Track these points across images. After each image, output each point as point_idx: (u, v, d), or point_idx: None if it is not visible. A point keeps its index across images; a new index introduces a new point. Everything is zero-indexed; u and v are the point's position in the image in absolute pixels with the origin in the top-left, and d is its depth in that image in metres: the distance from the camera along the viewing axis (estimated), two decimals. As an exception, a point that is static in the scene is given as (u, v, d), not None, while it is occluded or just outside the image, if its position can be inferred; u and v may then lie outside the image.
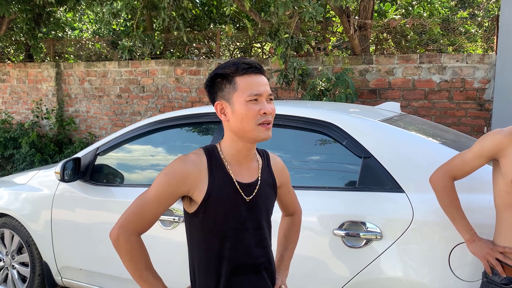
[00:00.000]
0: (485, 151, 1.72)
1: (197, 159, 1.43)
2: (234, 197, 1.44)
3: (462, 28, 6.74)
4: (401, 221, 2.02)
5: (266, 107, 1.38)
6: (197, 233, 1.45)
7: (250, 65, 1.40)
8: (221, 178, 1.43)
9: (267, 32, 5.00)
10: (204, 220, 1.42)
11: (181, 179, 1.39)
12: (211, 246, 1.44)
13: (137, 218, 1.41)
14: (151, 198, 1.41)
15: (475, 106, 4.52)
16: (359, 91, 4.89)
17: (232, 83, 1.40)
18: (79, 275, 3.02)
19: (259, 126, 1.38)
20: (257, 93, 1.38)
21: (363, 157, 2.19)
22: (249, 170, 1.50)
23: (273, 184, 1.57)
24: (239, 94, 1.39)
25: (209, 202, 1.41)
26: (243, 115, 1.38)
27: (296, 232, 1.79)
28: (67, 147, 7.02)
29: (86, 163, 2.98)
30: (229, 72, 1.40)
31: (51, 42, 8.10)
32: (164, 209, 1.43)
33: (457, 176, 1.82)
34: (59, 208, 3.02)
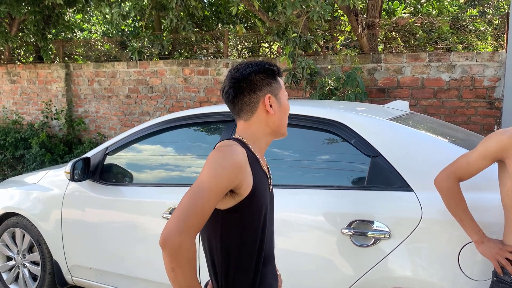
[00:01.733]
0: (490, 152, 1.71)
1: (241, 151, 1.37)
2: (267, 190, 1.49)
3: (471, 26, 6.67)
4: (410, 220, 2.01)
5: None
6: (235, 229, 1.39)
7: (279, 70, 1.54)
8: (259, 171, 1.45)
9: (275, 32, 5.00)
10: (247, 214, 1.39)
11: (238, 171, 1.32)
12: (252, 241, 1.41)
13: (199, 219, 1.25)
14: (211, 193, 1.27)
15: (485, 105, 4.48)
16: (368, 90, 4.87)
17: (277, 81, 1.51)
18: (89, 274, 3.04)
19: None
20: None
21: (371, 156, 2.19)
22: (265, 163, 1.56)
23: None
24: (283, 92, 1.53)
25: (254, 196, 1.38)
26: (287, 110, 1.53)
27: None
28: (77, 147, 7.07)
29: (95, 162, 3.00)
30: (276, 70, 1.51)
31: (60, 43, 8.17)
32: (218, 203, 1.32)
33: (462, 177, 1.81)
34: (69, 208, 3.05)
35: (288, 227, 2.27)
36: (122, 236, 2.80)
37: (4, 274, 3.50)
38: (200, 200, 1.26)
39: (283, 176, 2.43)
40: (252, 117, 1.47)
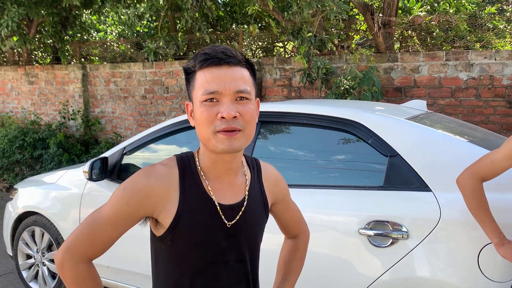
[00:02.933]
0: None
1: (166, 173, 1.14)
2: (211, 223, 1.15)
3: (490, 24, 6.57)
4: (428, 220, 1.99)
5: (225, 109, 1.06)
6: (164, 263, 1.18)
7: (208, 56, 1.08)
8: (196, 198, 1.14)
9: (290, 31, 4.99)
10: (172, 249, 1.15)
11: (143, 198, 1.11)
12: (180, 282, 1.17)
13: (87, 242, 1.12)
14: (105, 219, 1.12)
15: (504, 104, 4.41)
16: (384, 89, 4.83)
17: (193, 80, 1.12)
18: (107, 272, 3.07)
19: (218, 134, 1.07)
20: (212, 91, 1.07)
21: (389, 156, 2.17)
22: (231, 187, 1.19)
23: (263, 203, 1.27)
24: (196, 93, 1.10)
25: (178, 228, 1.12)
26: (199, 120, 1.09)
27: (300, 259, 1.45)
28: (94, 147, 7.16)
29: (113, 162, 3.03)
30: (190, 66, 1.12)
31: (77, 45, 8.27)
32: (121, 233, 1.14)
33: (486, 177, 1.78)
34: (87, 207, 3.08)
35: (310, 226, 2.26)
36: (139, 235, 2.81)
37: (24, 272, 3.55)
38: (92, 221, 1.13)
39: (300, 176, 2.43)
40: None
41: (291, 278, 1.42)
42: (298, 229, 1.46)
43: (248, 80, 1.11)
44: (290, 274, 1.42)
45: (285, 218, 1.41)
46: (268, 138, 2.67)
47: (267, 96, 5.89)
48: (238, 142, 1.08)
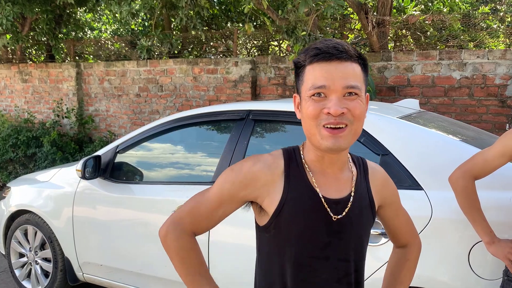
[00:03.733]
0: (508, 149, 1.69)
1: (272, 161, 1.16)
2: (315, 215, 1.13)
3: (483, 24, 6.60)
4: (419, 218, 2.01)
5: (332, 105, 1.05)
6: (267, 254, 1.19)
7: (320, 51, 1.08)
8: (300, 188, 1.14)
9: (284, 30, 4.99)
10: (276, 238, 1.15)
11: (248, 180, 1.15)
12: (280, 274, 1.16)
13: (191, 215, 1.19)
14: (211, 195, 1.19)
15: (497, 103, 4.44)
16: (378, 88, 4.85)
17: (302, 74, 1.12)
18: (100, 271, 3.07)
19: (323, 129, 1.07)
20: (320, 85, 1.06)
21: (381, 154, 2.18)
22: (337, 182, 1.18)
23: (370, 203, 1.22)
24: (305, 88, 1.10)
25: (281, 216, 1.13)
26: (305, 114, 1.10)
27: (409, 270, 1.39)
28: (87, 146, 7.13)
29: (106, 161, 3.03)
30: (301, 60, 1.12)
31: (71, 43, 8.24)
32: (225, 212, 1.19)
33: (479, 175, 1.79)
34: (80, 205, 3.08)
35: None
36: (132, 234, 2.82)
37: (17, 270, 3.54)
38: (200, 197, 1.21)
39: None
40: None
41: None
42: (408, 238, 1.38)
43: (358, 75, 1.10)
44: (398, 285, 1.37)
45: (394, 224, 1.35)
46: (262, 136, 2.68)
47: (261, 94, 5.89)
48: (344, 140, 1.08)
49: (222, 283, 2.47)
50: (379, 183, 1.27)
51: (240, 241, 2.40)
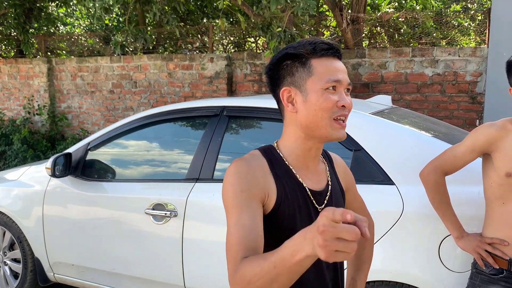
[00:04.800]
0: (478, 145, 1.72)
1: (257, 161, 1.16)
2: (305, 209, 1.18)
3: (455, 22, 6.75)
4: (391, 213, 2.03)
5: (345, 99, 1.13)
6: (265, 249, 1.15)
7: (330, 46, 1.15)
8: (290, 185, 1.17)
9: (259, 26, 4.98)
10: (272, 235, 1.15)
11: (253, 179, 1.11)
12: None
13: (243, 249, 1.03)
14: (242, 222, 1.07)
15: (467, 99, 4.54)
16: (352, 85, 4.89)
17: (306, 66, 1.14)
18: (72, 270, 3.01)
19: (334, 121, 1.13)
20: (337, 80, 1.13)
21: (353, 150, 2.20)
22: (316, 174, 1.24)
23: (341, 190, 1.31)
24: (315, 80, 1.13)
25: (279, 215, 1.14)
26: (318, 106, 1.12)
27: (369, 249, 1.48)
28: (60, 143, 6.99)
29: (77, 158, 2.97)
30: (304, 52, 1.14)
31: (42, 38, 8.04)
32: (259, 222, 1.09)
33: (449, 171, 1.82)
34: (51, 204, 3.00)
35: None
36: (105, 232, 2.77)
37: (-15, 272, 3.44)
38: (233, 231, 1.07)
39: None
40: (283, 116, 1.22)
41: (364, 268, 1.45)
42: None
43: None
44: (363, 264, 1.45)
45: (354, 207, 1.44)
46: (236, 133, 2.66)
47: (237, 91, 5.87)
48: (345, 131, 1.17)
49: (199, 283, 2.45)
50: (342, 170, 1.36)
51: (216, 238, 2.39)
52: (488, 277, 1.71)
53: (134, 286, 2.76)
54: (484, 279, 1.72)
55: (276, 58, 1.18)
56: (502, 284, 1.68)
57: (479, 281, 1.73)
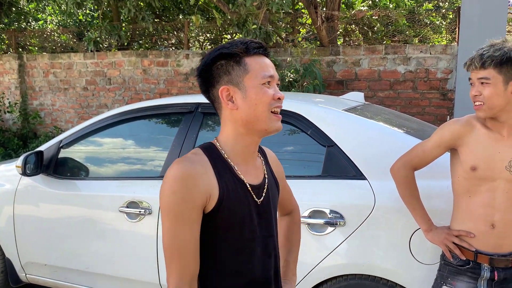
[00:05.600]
0: (444, 141, 1.78)
1: (199, 160, 1.19)
2: (247, 203, 1.23)
3: (427, 20, 6.88)
4: (363, 207, 2.07)
5: (279, 92, 1.22)
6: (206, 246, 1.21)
7: (260, 45, 1.23)
8: (231, 181, 1.21)
9: (235, 23, 4.98)
10: (216, 231, 1.20)
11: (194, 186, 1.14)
12: (225, 261, 1.23)
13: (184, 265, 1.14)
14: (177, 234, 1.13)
15: (439, 96, 4.64)
16: (327, 82, 4.94)
17: (242, 65, 1.20)
18: (44, 270, 2.96)
19: (272, 114, 1.21)
20: (271, 75, 1.21)
21: (327, 146, 2.23)
22: (254, 169, 1.30)
23: (275, 182, 1.39)
24: (251, 77, 1.19)
25: (221, 211, 1.18)
26: (258, 100, 1.19)
27: (298, 232, 1.58)
28: (32, 141, 6.84)
29: (49, 156, 2.91)
30: (238, 51, 1.20)
31: (13, 33, 7.84)
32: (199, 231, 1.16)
33: (418, 166, 1.87)
34: (22, 203, 2.95)
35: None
36: (78, 231, 2.73)
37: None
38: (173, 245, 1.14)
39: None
40: (221, 115, 1.25)
41: (294, 250, 1.55)
42: (293, 205, 1.59)
43: None
44: (293, 246, 1.55)
45: (283, 196, 1.53)
46: (211, 129, 2.67)
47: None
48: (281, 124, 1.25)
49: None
50: (274, 163, 1.44)
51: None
52: (455, 268, 1.76)
53: (109, 284, 2.73)
54: (452, 270, 1.77)
55: (210, 59, 1.22)
56: (469, 274, 1.73)
57: (447, 272, 1.79)
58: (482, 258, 1.71)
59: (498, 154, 1.68)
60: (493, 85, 1.64)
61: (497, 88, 1.64)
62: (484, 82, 1.65)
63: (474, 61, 1.68)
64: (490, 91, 1.64)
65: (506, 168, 1.67)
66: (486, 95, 1.65)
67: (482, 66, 1.65)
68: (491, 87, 1.64)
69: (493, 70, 1.63)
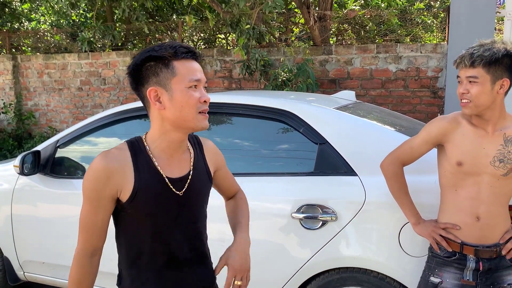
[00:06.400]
0: (431, 137, 1.84)
1: (120, 155, 1.32)
2: (164, 194, 1.35)
3: (419, 19, 6.96)
4: (354, 203, 2.13)
5: (205, 95, 1.32)
6: (125, 230, 1.39)
7: (189, 49, 1.31)
8: (148, 174, 1.32)
9: (228, 23, 5.03)
10: (133, 217, 1.35)
11: (107, 179, 1.29)
12: (141, 243, 1.38)
13: (88, 238, 1.35)
14: (87, 213, 1.32)
15: (429, 94, 4.72)
16: (320, 81, 5.01)
17: (169, 68, 1.28)
18: (42, 268, 3.00)
19: (199, 114, 1.30)
20: (197, 79, 1.30)
21: (318, 143, 2.29)
22: (180, 162, 1.40)
23: (207, 172, 1.49)
24: (178, 80, 1.28)
25: (135, 201, 1.31)
26: (184, 103, 1.28)
27: (245, 205, 1.68)
28: (27, 142, 6.86)
29: (46, 156, 2.95)
30: (167, 55, 1.28)
31: (6, 34, 7.84)
32: (107, 216, 1.34)
33: (406, 162, 1.94)
34: (20, 202, 2.98)
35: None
36: (75, 229, 2.77)
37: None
38: (82, 221, 1.35)
39: (238, 165, 2.50)
40: (149, 113, 1.35)
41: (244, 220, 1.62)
42: (236, 189, 1.71)
43: None
44: (242, 218, 1.62)
45: (225, 183, 1.65)
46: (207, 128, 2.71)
47: (208, 87, 5.91)
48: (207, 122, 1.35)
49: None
50: (211, 153, 1.54)
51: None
52: (442, 260, 1.83)
53: (106, 281, 2.78)
54: (439, 262, 1.84)
55: (140, 60, 1.31)
56: (455, 265, 1.80)
57: (435, 263, 1.85)
58: (468, 249, 1.77)
59: (483, 150, 1.74)
60: (481, 84, 1.69)
61: (484, 87, 1.69)
62: (472, 81, 1.71)
63: (464, 59, 1.72)
64: (478, 90, 1.69)
65: (491, 163, 1.73)
66: (473, 93, 1.70)
67: (471, 65, 1.70)
68: (479, 85, 1.69)
69: (482, 70, 1.68)
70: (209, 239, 1.56)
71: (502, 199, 1.76)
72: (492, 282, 1.78)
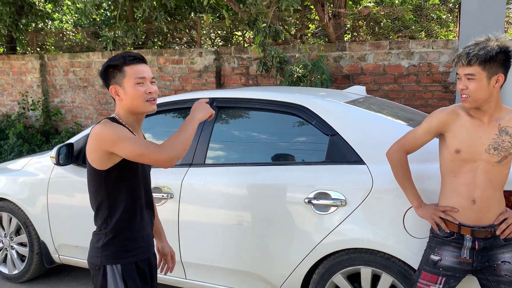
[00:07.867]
0: (433, 128, 2.02)
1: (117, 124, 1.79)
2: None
3: (434, 15, 7.04)
4: (362, 189, 2.32)
5: (150, 88, 1.80)
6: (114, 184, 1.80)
7: (134, 57, 1.80)
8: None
9: (246, 22, 5.23)
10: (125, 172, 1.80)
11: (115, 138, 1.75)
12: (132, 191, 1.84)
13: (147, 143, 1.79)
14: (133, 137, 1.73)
15: (441, 89, 4.85)
16: (334, 77, 5.17)
17: (122, 71, 1.78)
18: (76, 251, 3.25)
19: (146, 102, 1.80)
20: (142, 77, 1.78)
21: (329, 135, 2.48)
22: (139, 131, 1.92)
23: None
24: (128, 79, 1.78)
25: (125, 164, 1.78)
26: (133, 95, 1.78)
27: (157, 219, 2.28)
28: (54, 137, 7.17)
29: (78, 148, 3.19)
30: (118, 63, 1.78)
31: (33, 34, 8.18)
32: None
33: (410, 150, 2.12)
34: (55, 191, 3.24)
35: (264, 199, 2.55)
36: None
37: (-8, 256, 3.66)
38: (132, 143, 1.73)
39: (255, 156, 2.71)
40: (115, 102, 1.85)
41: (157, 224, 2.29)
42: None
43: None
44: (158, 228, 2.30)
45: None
46: (226, 122, 2.92)
47: (225, 84, 6.12)
48: (155, 106, 1.84)
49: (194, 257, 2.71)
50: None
51: (208, 217, 2.66)
52: (442, 239, 2.01)
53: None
54: (439, 241, 2.02)
55: (104, 67, 1.81)
56: (454, 244, 1.98)
57: (435, 243, 2.03)
58: (465, 230, 1.95)
59: (479, 139, 1.91)
60: (478, 80, 1.85)
61: (481, 83, 1.85)
62: (470, 78, 1.87)
63: (461, 58, 1.88)
64: (475, 86, 1.86)
65: (486, 151, 1.90)
66: (471, 89, 1.87)
67: (468, 64, 1.86)
68: (476, 82, 1.86)
69: (478, 67, 1.84)
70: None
71: (496, 184, 1.93)
72: (487, 259, 1.95)
